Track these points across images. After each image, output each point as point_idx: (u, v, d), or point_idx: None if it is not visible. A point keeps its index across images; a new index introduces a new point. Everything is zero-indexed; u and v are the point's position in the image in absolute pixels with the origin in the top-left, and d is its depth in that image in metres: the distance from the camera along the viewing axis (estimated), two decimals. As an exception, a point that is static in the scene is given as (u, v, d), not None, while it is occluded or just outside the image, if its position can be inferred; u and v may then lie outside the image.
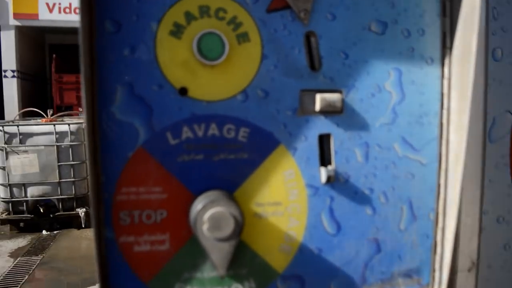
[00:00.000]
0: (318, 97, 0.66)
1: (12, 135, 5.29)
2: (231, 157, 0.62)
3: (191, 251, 0.60)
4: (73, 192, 5.33)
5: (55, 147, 5.26)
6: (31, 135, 5.32)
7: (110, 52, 0.57)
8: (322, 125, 0.67)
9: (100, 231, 0.57)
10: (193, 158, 0.60)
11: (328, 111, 0.67)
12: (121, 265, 0.58)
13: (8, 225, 5.57)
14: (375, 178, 0.69)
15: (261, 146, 0.64)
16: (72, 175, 5.29)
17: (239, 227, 0.57)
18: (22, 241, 5.25)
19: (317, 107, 0.66)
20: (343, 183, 0.67)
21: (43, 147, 5.24)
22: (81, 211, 5.32)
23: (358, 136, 0.68)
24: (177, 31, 0.59)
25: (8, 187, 5.37)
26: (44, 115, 5.77)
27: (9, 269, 4.45)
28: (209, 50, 0.60)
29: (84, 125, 0.55)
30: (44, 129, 5.30)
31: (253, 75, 0.64)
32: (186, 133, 0.60)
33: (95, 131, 0.56)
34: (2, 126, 5.26)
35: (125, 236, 0.58)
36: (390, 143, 0.70)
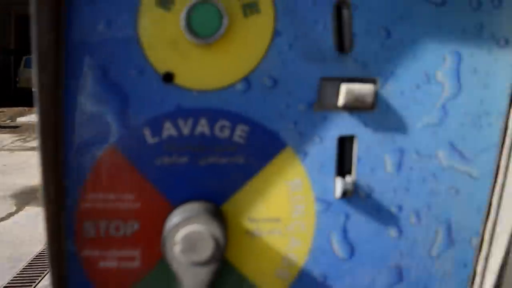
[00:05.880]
0: (344, 88, 0.51)
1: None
2: (223, 161, 0.50)
3: (165, 272, 0.51)
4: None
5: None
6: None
7: (80, 27, 0.44)
8: (345, 125, 0.53)
9: (60, 243, 0.48)
10: (174, 161, 0.49)
11: (355, 107, 0.52)
12: (84, 283, 0.50)
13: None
14: (407, 193, 0.55)
15: (262, 149, 0.51)
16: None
17: (220, 250, 0.47)
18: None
19: (341, 101, 0.51)
20: (364, 198, 0.54)
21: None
22: None
23: (391, 140, 0.54)
24: (167, 0, 0.46)
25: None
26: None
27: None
28: (200, 25, 0.46)
29: (38, 115, 0.44)
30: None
31: (260, 58, 0.50)
32: (168, 130, 0.49)
33: (57, 125, 0.46)
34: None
35: (89, 250, 0.50)
36: (433, 150, 0.55)
